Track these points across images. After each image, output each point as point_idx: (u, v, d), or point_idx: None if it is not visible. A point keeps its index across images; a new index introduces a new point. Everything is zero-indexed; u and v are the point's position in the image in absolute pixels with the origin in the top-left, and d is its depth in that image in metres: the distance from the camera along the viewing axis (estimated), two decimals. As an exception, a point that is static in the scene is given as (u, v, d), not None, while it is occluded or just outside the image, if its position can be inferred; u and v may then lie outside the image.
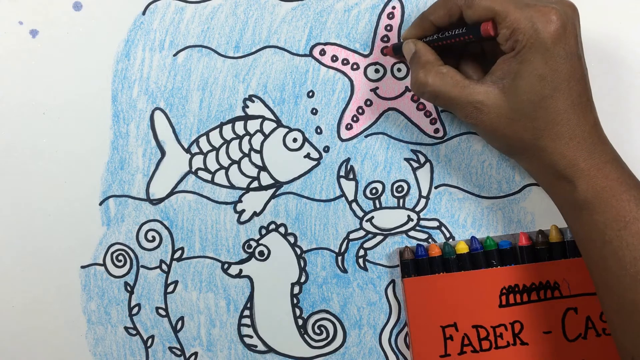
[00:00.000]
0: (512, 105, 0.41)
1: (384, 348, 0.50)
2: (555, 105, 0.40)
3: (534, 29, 0.39)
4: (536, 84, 0.40)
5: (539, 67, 0.40)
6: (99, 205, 0.51)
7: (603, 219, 0.40)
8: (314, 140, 0.50)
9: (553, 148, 0.41)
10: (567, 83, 0.40)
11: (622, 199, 0.39)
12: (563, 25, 0.40)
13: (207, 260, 0.51)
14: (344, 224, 0.50)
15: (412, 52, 0.45)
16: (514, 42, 0.40)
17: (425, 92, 0.44)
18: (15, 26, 0.50)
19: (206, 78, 0.50)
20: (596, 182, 0.40)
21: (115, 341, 0.51)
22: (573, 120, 0.40)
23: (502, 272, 0.48)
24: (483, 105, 0.42)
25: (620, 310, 0.40)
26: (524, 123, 0.41)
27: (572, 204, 0.41)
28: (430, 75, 0.43)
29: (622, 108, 0.49)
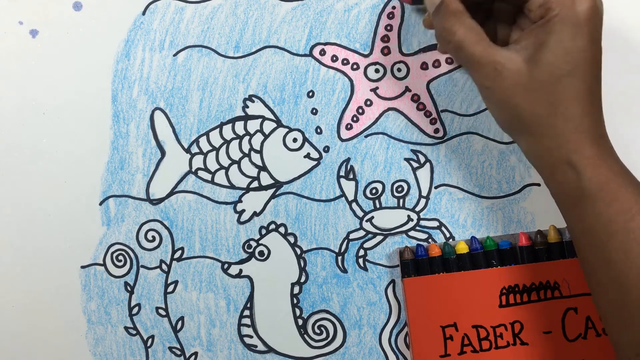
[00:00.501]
0: (532, 75, 0.40)
1: (384, 348, 0.50)
2: (573, 85, 0.39)
3: (570, 1, 0.39)
4: (560, 57, 0.39)
5: (566, 40, 0.39)
6: (99, 205, 0.51)
7: (607, 211, 0.39)
8: (314, 140, 0.50)
9: (563, 128, 0.40)
10: (588, 66, 0.39)
11: (628, 191, 0.39)
12: (596, 6, 0.39)
13: (207, 260, 0.51)
14: (344, 224, 0.50)
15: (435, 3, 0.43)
16: (545, 9, 0.39)
17: (452, 41, 0.41)
18: (15, 26, 0.50)
19: (206, 78, 0.50)
20: (601, 172, 0.39)
21: (115, 341, 0.51)
22: (586, 105, 0.40)
23: (502, 272, 0.48)
24: (504, 68, 0.40)
25: (624, 306, 0.39)
26: (540, 96, 0.40)
27: (574, 193, 0.40)
28: (459, 24, 0.41)
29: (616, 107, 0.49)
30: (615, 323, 0.40)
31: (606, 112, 0.41)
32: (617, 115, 0.49)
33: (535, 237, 0.48)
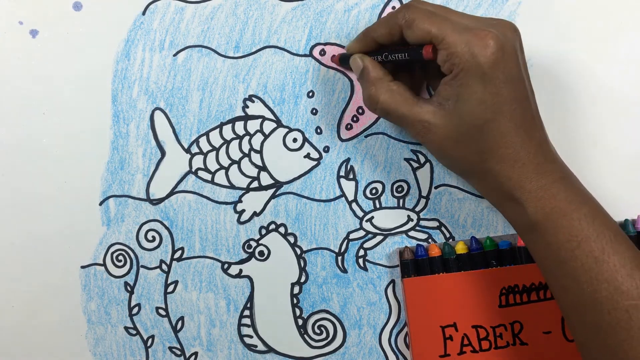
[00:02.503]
0: (457, 127, 0.41)
1: (383, 348, 0.50)
2: (498, 129, 0.40)
3: (470, 54, 0.39)
4: (476, 107, 0.40)
5: (477, 91, 0.39)
6: (99, 205, 0.51)
7: (555, 239, 0.39)
8: (314, 140, 0.50)
9: (498, 170, 0.41)
10: (509, 106, 0.40)
11: (573, 218, 0.39)
12: (501, 48, 0.39)
13: (207, 260, 0.51)
14: (344, 224, 0.50)
15: (360, 68, 0.45)
16: (451, 65, 0.40)
17: (377, 108, 0.44)
18: (15, 26, 0.50)
19: (206, 78, 0.50)
20: (544, 203, 0.40)
21: (115, 341, 0.51)
22: (517, 143, 0.40)
23: (501, 272, 0.48)
24: (430, 124, 0.42)
25: (583, 330, 0.39)
26: (469, 145, 0.41)
27: (523, 225, 0.41)
28: (381, 91, 0.43)
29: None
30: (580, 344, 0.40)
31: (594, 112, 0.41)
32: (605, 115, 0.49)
33: (535, 237, 0.48)
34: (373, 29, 0.45)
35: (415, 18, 0.41)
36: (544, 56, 0.49)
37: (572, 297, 0.39)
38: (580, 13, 0.49)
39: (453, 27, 0.40)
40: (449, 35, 0.40)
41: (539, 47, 0.49)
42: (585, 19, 0.49)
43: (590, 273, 0.38)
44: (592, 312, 0.38)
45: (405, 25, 0.42)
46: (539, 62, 0.49)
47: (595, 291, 0.38)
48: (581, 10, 0.49)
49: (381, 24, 0.44)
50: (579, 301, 0.39)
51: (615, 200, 0.49)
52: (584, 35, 0.49)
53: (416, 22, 0.41)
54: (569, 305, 0.40)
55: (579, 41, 0.49)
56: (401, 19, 0.42)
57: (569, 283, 0.39)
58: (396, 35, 0.43)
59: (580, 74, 0.49)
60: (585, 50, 0.49)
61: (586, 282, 0.38)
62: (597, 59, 0.49)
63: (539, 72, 0.49)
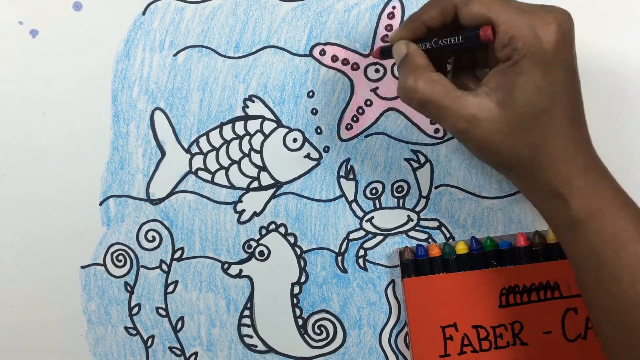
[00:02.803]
0: (508, 118, 0.39)
1: (383, 348, 0.50)
2: (553, 119, 0.38)
3: (535, 37, 0.37)
4: (534, 96, 0.38)
5: (537, 78, 0.38)
6: (99, 205, 0.51)
7: (599, 238, 0.38)
8: (314, 140, 0.50)
9: (549, 164, 0.39)
10: (565, 96, 0.38)
11: (618, 217, 0.38)
12: (563, 35, 0.38)
13: (207, 260, 0.51)
14: (344, 224, 0.50)
15: (402, 55, 0.42)
16: (511, 49, 0.38)
17: (414, 98, 0.40)
18: (15, 26, 0.50)
19: (206, 78, 0.50)
20: (590, 200, 0.38)
21: (115, 341, 0.51)
22: (569, 136, 0.39)
23: (501, 272, 0.48)
24: (476, 118, 0.39)
25: (616, 332, 0.39)
26: (520, 137, 0.39)
27: (565, 222, 0.40)
28: (421, 81, 0.40)
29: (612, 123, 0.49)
30: (610, 348, 0.40)
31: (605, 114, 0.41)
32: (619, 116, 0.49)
33: (534, 237, 0.48)
34: (422, 12, 0.42)
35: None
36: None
37: (610, 298, 0.38)
38: (580, 13, 0.49)
39: (515, 8, 0.38)
40: (512, 16, 0.37)
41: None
42: (585, 19, 0.49)
43: (635, 275, 0.37)
44: (632, 314, 0.37)
45: (461, 3, 0.39)
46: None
47: (638, 294, 0.37)
48: (581, 10, 0.49)
49: (431, 4, 0.41)
50: (618, 302, 0.38)
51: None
52: (584, 35, 0.49)
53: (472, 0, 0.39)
54: (604, 306, 0.39)
55: (578, 41, 0.49)
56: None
57: (609, 284, 0.38)
58: (449, 17, 0.40)
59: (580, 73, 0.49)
60: (585, 49, 0.49)
61: (628, 284, 0.37)
62: (597, 59, 0.49)
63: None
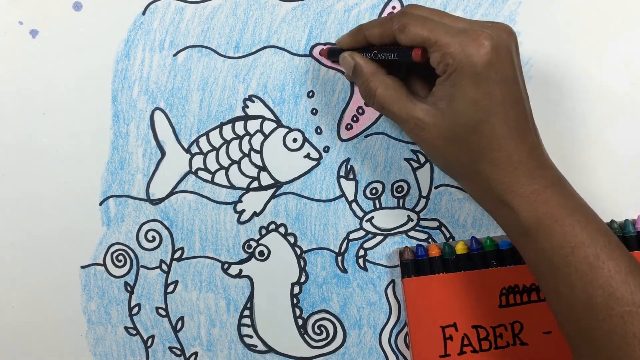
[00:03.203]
0: (449, 127, 0.41)
1: (383, 348, 0.50)
2: (491, 130, 0.40)
3: (464, 53, 0.39)
4: (469, 108, 0.39)
5: (470, 91, 0.39)
6: (99, 205, 0.51)
7: (549, 245, 0.39)
8: (314, 140, 0.50)
9: (490, 173, 0.40)
10: (503, 107, 0.39)
11: (566, 224, 0.39)
12: (495, 48, 0.39)
13: (207, 260, 0.51)
14: (344, 224, 0.50)
15: (351, 65, 0.45)
16: (445, 65, 0.40)
17: (375, 102, 0.44)
18: (15, 26, 0.50)
19: (206, 78, 0.50)
20: (537, 208, 0.39)
21: (115, 341, 0.51)
22: (510, 146, 0.40)
23: (501, 272, 0.48)
24: (423, 123, 0.42)
25: (577, 336, 0.39)
26: (461, 146, 0.41)
27: (515, 230, 0.41)
28: (377, 84, 0.44)
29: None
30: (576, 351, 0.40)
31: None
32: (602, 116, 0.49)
33: (535, 237, 0.48)
34: (367, 27, 0.45)
35: (408, 23, 0.41)
36: (544, 56, 0.49)
37: (566, 303, 0.39)
38: (580, 13, 0.49)
39: (446, 30, 0.40)
40: (442, 37, 0.40)
41: (538, 47, 0.49)
42: (585, 19, 0.49)
43: (585, 279, 0.38)
44: (587, 319, 0.38)
45: (398, 30, 0.42)
46: (538, 61, 0.49)
47: (590, 297, 0.37)
48: (581, 10, 0.49)
49: (375, 24, 0.44)
50: (573, 307, 0.38)
51: (615, 200, 0.49)
52: (584, 35, 0.49)
53: (409, 27, 0.41)
54: (562, 312, 0.40)
55: (578, 41, 0.49)
56: (395, 24, 0.42)
57: (563, 289, 0.39)
58: (388, 39, 0.43)
59: (580, 73, 0.49)
60: (585, 50, 0.49)
61: (580, 289, 0.38)
62: (597, 59, 0.49)
63: (538, 72, 0.49)
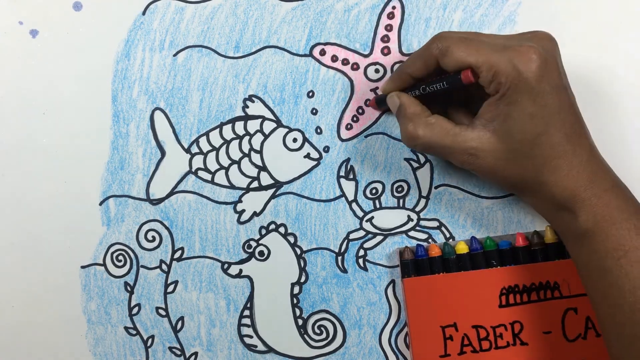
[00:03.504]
0: (507, 146, 0.41)
1: (383, 348, 0.50)
2: (550, 140, 0.40)
3: (516, 70, 0.39)
4: (528, 123, 0.40)
5: (527, 106, 0.39)
6: (99, 205, 0.51)
7: (603, 247, 0.39)
8: (314, 140, 0.50)
9: (553, 181, 0.41)
10: (558, 116, 0.40)
11: (622, 227, 0.39)
12: (544, 61, 0.39)
13: (207, 260, 0.51)
14: (344, 224, 0.50)
15: (397, 105, 0.45)
16: (497, 84, 0.40)
17: (417, 144, 0.44)
18: (15, 26, 0.50)
19: (206, 78, 0.50)
20: (596, 211, 0.40)
21: (115, 341, 0.51)
22: (569, 151, 0.40)
23: (501, 272, 0.48)
24: (477, 150, 0.42)
25: (620, 339, 0.39)
26: (522, 162, 0.41)
27: (573, 233, 0.41)
28: (420, 127, 0.43)
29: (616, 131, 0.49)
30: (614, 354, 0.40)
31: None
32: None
33: (532, 237, 0.48)
34: (407, 66, 0.45)
35: (449, 45, 0.41)
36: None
37: (612, 306, 0.39)
38: (579, 13, 0.49)
39: (491, 48, 0.40)
40: (490, 56, 0.40)
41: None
42: (584, 19, 0.49)
43: (634, 283, 0.38)
44: (632, 323, 0.38)
45: (440, 55, 0.41)
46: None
47: (637, 302, 0.38)
48: (581, 11, 0.49)
49: (414, 58, 0.44)
50: (619, 311, 0.39)
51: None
52: (584, 35, 0.49)
53: (451, 48, 0.41)
54: (608, 315, 0.40)
55: (578, 41, 0.49)
56: (435, 49, 0.42)
57: (611, 292, 0.39)
58: (431, 67, 0.43)
59: (580, 73, 0.49)
60: (585, 50, 0.49)
61: (629, 292, 0.38)
62: (597, 59, 0.49)
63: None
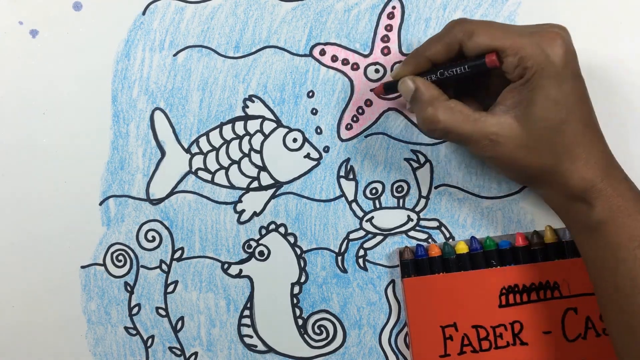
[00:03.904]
0: (530, 132, 0.40)
1: (383, 348, 0.50)
2: (572, 128, 0.40)
3: (544, 54, 0.39)
4: (552, 109, 0.39)
5: (552, 92, 0.39)
6: (99, 205, 0.51)
7: (617, 238, 0.39)
8: (314, 140, 0.50)
9: (573, 171, 0.40)
10: (579, 104, 0.40)
11: (637, 219, 0.39)
12: (568, 47, 0.40)
13: (207, 260, 0.51)
14: (344, 224, 0.50)
15: (412, 90, 0.43)
16: (522, 69, 0.40)
17: (437, 129, 0.42)
18: (15, 26, 0.50)
19: (206, 78, 0.50)
20: (612, 202, 0.40)
21: (115, 341, 0.51)
22: (588, 141, 0.40)
23: (501, 272, 0.48)
24: (499, 136, 0.41)
25: (630, 332, 0.39)
26: (543, 149, 0.40)
27: (586, 225, 0.41)
28: (440, 111, 0.42)
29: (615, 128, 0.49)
30: (624, 348, 0.40)
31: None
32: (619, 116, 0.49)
33: (532, 237, 0.48)
34: (425, 48, 0.43)
35: (474, 29, 0.41)
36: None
37: (625, 297, 0.39)
38: (579, 13, 0.49)
39: (517, 32, 0.40)
40: (516, 39, 0.39)
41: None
42: (584, 19, 0.49)
43: None
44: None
45: (465, 38, 0.41)
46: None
47: None
48: (580, 11, 0.49)
49: (434, 41, 0.43)
50: (632, 302, 0.39)
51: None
52: (584, 35, 0.49)
53: (477, 32, 0.40)
54: (617, 307, 0.40)
55: (578, 41, 0.49)
56: (459, 32, 0.41)
57: (624, 283, 0.39)
58: (454, 51, 0.42)
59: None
60: (585, 50, 0.49)
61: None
62: (597, 59, 0.49)
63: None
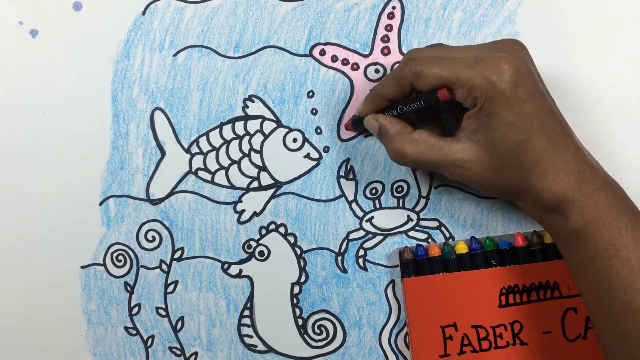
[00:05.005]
0: (492, 156, 0.41)
1: (383, 348, 0.50)
2: (534, 146, 0.40)
3: (489, 83, 0.39)
4: (509, 132, 0.40)
5: (506, 116, 0.40)
6: (99, 205, 0.51)
7: (593, 247, 0.40)
8: (314, 140, 0.50)
9: (542, 186, 0.41)
10: (538, 121, 0.40)
11: (612, 227, 0.39)
12: (516, 69, 0.40)
13: (207, 260, 0.51)
14: (343, 224, 0.50)
15: (377, 127, 0.45)
16: (473, 99, 0.40)
17: (407, 162, 0.44)
18: (15, 26, 0.50)
19: (206, 78, 0.50)
20: (586, 212, 0.40)
21: (115, 341, 0.51)
22: (554, 155, 0.40)
23: (501, 272, 0.48)
24: (464, 162, 0.42)
25: (612, 337, 0.40)
26: (509, 170, 0.41)
27: (564, 234, 0.42)
28: (405, 144, 0.44)
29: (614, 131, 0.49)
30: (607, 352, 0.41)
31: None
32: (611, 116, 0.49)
33: (532, 237, 0.48)
34: (382, 88, 0.45)
35: (421, 69, 0.42)
36: (544, 56, 0.49)
37: (604, 305, 0.39)
38: (580, 13, 0.49)
39: (462, 64, 0.40)
40: (462, 72, 0.40)
41: (539, 48, 0.49)
42: (585, 19, 0.49)
43: (625, 282, 0.38)
44: (624, 321, 0.38)
45: (414, 78, 0.42)
46: (538, 62, 0.49)
47: (628, 300, 0.38)
48: (581, 10, 0.49)
49: (389, 81, 0.45)
50: (611, 309, 0.39)
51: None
52: (584, 36, 0.49)
53: (424, 71, 0.41)
54: (600, 314, 0.40)
55: (578, 41, 0.49)
56: (408, 73, 0.42)
57: (603, 291, 0.39)
58: (407, 89, 0.44)
59: (580, 73, 0.49)
60: (585, 50, 0.49)
61: (620, 290, 0.38)
62: (597, 59, 0.49)
63: (538, 72, 0.49)
